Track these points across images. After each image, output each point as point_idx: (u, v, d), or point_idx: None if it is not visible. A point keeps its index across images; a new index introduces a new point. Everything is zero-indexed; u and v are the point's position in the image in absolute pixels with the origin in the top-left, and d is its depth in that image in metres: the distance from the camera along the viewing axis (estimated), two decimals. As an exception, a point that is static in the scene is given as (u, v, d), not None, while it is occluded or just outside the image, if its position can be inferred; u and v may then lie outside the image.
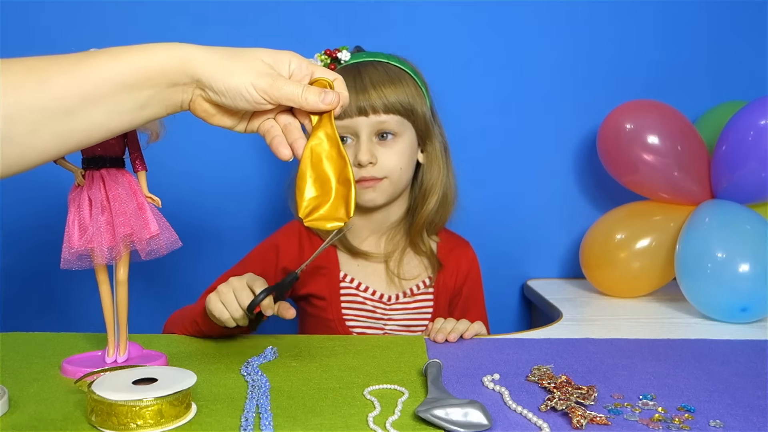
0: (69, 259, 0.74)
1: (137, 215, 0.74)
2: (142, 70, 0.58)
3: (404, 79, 1.04)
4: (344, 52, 1.07)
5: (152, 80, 0.58)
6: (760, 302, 1.05)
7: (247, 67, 0.61)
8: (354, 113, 1.01)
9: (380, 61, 1.06)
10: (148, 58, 0.58)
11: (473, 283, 1.16)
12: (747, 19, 1.43)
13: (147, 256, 0.75)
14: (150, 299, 1.36)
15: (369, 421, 0.63)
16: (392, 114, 1.02)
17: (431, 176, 1.10)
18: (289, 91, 0.62)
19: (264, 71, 0.61)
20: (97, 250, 0.72)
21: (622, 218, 1.27)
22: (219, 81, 0.60)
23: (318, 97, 0.63)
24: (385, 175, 1.04)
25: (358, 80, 1.02)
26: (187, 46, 0.60)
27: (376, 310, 1.08)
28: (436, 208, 1.10)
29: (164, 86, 0.59)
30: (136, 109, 0.59)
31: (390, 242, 1.12)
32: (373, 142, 1.03)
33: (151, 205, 0.76)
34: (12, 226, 1.34)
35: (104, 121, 0.58)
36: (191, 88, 0.61)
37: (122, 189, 0.74)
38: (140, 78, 0.58)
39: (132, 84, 0.58)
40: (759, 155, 1.13)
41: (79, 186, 0.74)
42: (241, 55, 0.61)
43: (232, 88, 0.60)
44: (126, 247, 0.74)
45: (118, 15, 1.32)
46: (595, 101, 1.40)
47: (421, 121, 1.06)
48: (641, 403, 0.69)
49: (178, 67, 0.59)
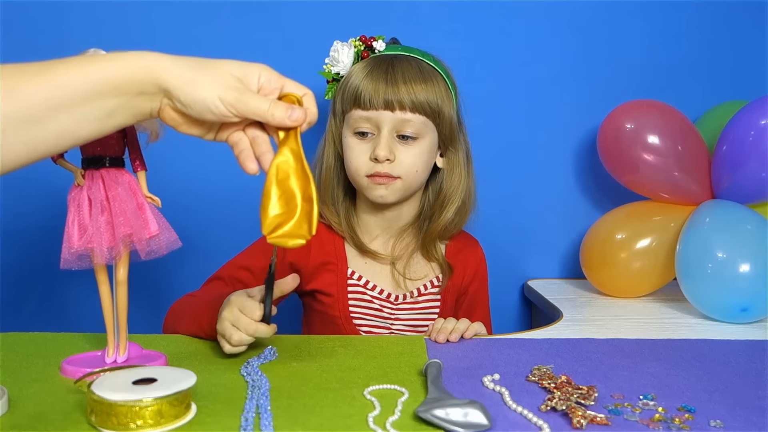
0: (69, 259, 0.73)
1: (137, 215, 0.74)
2: (110, 79, 0.58)
3: (436, 79, 1.02)
4: (380, 42, 1.05)
5: (120, 89, 0.58)
6: (760, 302, 1.05)
7: (215, 80, 0.60)
8: (380, 106, 0.98)
9: (414, 56, 1.03)
10: (116, 67, 0.58)
11: (479, 284, 1.16)
12: (747, 19, 1.43)
13: (147, 256, 0.75)
14: (150, 299, 1.36)
15: (369, 421, 0.63)
16: (418, 113, 1.00)
17: (452, 183, 1.07)
18: (255, 105, 0.62)
19: (232, 84, 0.61)
20: (96, 250, 0.72)
21: (622, 218, 1.27)
22: (186, 92, 0.60)
23: (285, 113, 0.63)
24: (399, 175, 1.01)
25: (390, 73, 0.99)
26: (157, 56, 0.60)
27: (383, 308, 1.08)
28: (454, 216, 1.07)
29: (132, 95, 0.59)
30: (104, 117, 0.59)
31: (399, 244, 1.10)
32: (393, 138, 1.01)
33: (151, 205, 0.76)
34: (12, 226, 1.34)
35: (72, 129, 0.58)
36: (159, 97, 0.61)
37: (122, 189, 0.74)
38: (107, 86, 0.58)
39: (99, 92, 0.58)
40: (759, 155, 1.13)
41: (78, 186, 0.74)
42: (210, 67, 0.61)
43: (198, 101, 0.60)
44: (126, 247, 0.74)
45: (119, 15, 1.32)
46: (595, 101, 1.40)
47: (446, 124, 1.03)
48: (641, 404, 0.69)
49: (146, 77, 0.59)
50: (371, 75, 1.00)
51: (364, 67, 1.02)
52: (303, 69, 1.35)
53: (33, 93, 0.55)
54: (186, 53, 1.53)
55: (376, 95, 0.98)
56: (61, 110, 0.57)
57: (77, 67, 0.58)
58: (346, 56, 1.04)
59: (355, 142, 1.02)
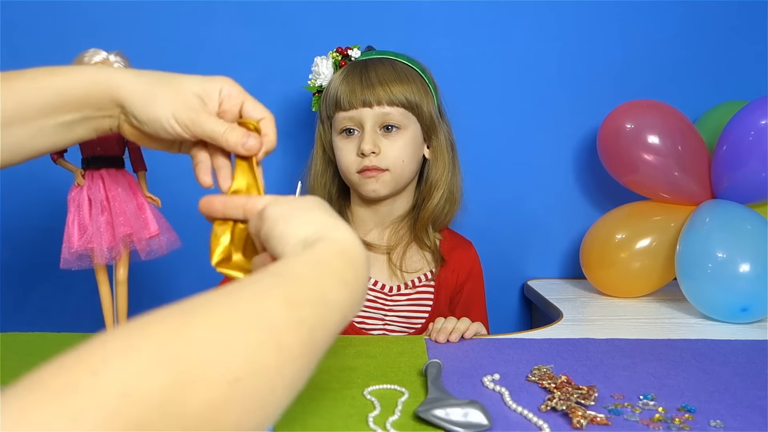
0: (69, 259, 0.74)
1: (137, 215, 0.74)
2: (65, 95, 0.57)
3: (411, 76, 1.06)
4: (355, 50, 1.11)
5: (74, 104, 0.57)
6: (760, 302, 1.05)
7: (172, 97, 0.58)
8: (359, 104, 1.04)
9: (388, 57, 1.08)
10: (73, 82, 0.57)
11: (474, 283, 1.16)
12: (747, 19, 1.43)
13: (147, 256, 0.75)
14: (150, 299, 1.36)
15: (369, 421, 0.63)
16: (396, 106, 1.04)
17: (436, 171, 1.11)
18: (210, 128, 0.59)
19: (189, 103, 0.59)
20: (96, 250, 0.72)
21: (622, 218, 1.27)
22: (141, 110, 0.58)
23: (240, 139, 0.59)
24: (387, 167, 1.05)
25: (365, 75, 1.05)
26: (115, 71, 0.59)
27: (377, 300, 1.09)
28: (442, 204, 1.11)
29: (89, 110, 0.58)
30: (61, 131, 0.58)
31: (394, 235, 1.13)
32: (377, 133, 1.05)
33: (151, 205, 0.76)
34: (12, 226, 1.34)
35: (28, 142, 0.58)
36: (117, 112, 0.59)
37: (122, 189, 0.74)
38: (61, 102, 0.57)
39: (54, 107, 0.57)
40: (759, 155, 1.13)
41: (78, 186, 0.74)
42: (169, 83, 0.59)
43: (153, 119, 0.58)
44: (126, 247, 0.74)
45: (119, 15, 1.32)
46: (595, 101, 1.40)
47: (426, 116, 1.07)
48: (641, 404, 0.69)
49: (102, 93, 0.57)
50: (347, 79, 1.06)
51: (341, 73, 1.08)
52: (303, 69, 1.36)
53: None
54: (186, 53, 1.53)
55: (353, 96, 1.04)
56: (15, 124, 0.56)
57: (30, 82, 0.57)
58: (326, 68, 1.11)
59: (343, 142, 1.07)
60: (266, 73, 1.36)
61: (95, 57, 0.72)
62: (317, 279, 0.43)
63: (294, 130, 1.38)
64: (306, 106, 1.36)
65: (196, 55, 1.35)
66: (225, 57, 1.35)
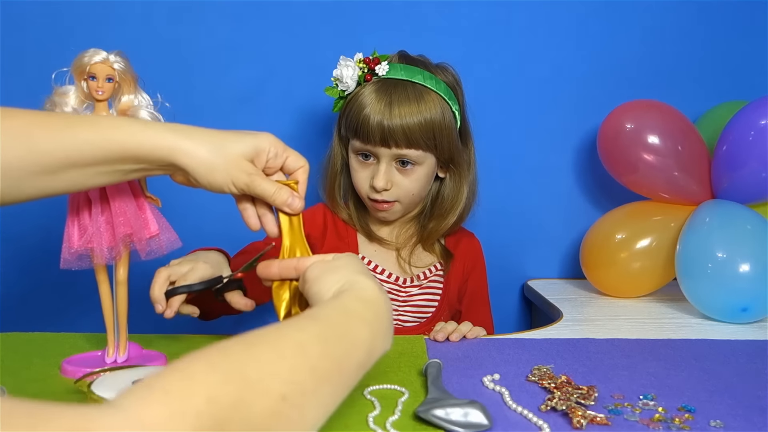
0: (69, 259, 0.74)
1: (137, 215, 0.74)
2: (129, 151, 0.63)
3: (435, 108, 1.02)
4: (383, 65, 1.04)
5: (136, 159, 0.63)
6: (760, 302, 1.05)
7: (230, 166, 0.66)
8: (377, 143, 1.01)
9: (415, 82, 1.03)
10: (137, 140, 0.63)
11: (479, 277, 1.19)
12: (747, 19, 1.43)
13: (147, 256, 0.75)
14: (150, 299, 1.36)
15: (369, 421, 0.63)
16: (414, 149, 1.02)
17: (451, 194, 1.12)
18: (262, 190, 0.68)
19: (244, 169, 0.67)
20: (96, 250, 0.72)
21: (622, 218, 1.27)
22: (203, 177, 0.65)
23: (287, 200, 0.70)
24: (397, 198, 1.06)
25: (386, 111, 1.00)
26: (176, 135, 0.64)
27: (391, 292, 1.11)
28: (453, 222, 1.12)
29: (148, 164, 0.64)
30: (118, 175, 0.65)
31: (404, 234, 1.15)
32: (392, 167, 1.05)
33: (151, 205, 0.76)
34: (12, 226, 1.34)
35: (85, 182, 0.64)
36: (174, 169, 0.66)
37: (122, 189, 0.74)
38: (125, 155, 0.63)
39: (116, 159, 0.63)
40: (759, 155, 1.13)
41: (78, 186, 0.74)
42: (224, 151, 0.65)
43: (213, 184, 0.66)
44: (126, 247, 0.74)
45: (119, 15, 1.32)
46: (595, 101, 1.40)
47: (445, 151, 1.06)
48: (641, 404, 0.69)
49: (165, 156, 0.63)
50: (371, 110, 1.01)
51: (365, 96, 1.03)
52: (303, 69, 1.36)
53: (51, 150, 0.60)
54: (186, 53, 1.53)
55: (373, 135, 1.01)
56: (77, 167, 0.62)
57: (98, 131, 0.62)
58: (350, 78, 1.05)
59: (358, 165, 1.08)
60: (266, 73, 1.36)
61: (95, 57, 0.72)
62: (343, 319, 0.54)
63: (294, 130, 1.38)
64: (307, 106, 1.36)
65: (196, 55, 1.35)
66: (225, 57, 1.35)
